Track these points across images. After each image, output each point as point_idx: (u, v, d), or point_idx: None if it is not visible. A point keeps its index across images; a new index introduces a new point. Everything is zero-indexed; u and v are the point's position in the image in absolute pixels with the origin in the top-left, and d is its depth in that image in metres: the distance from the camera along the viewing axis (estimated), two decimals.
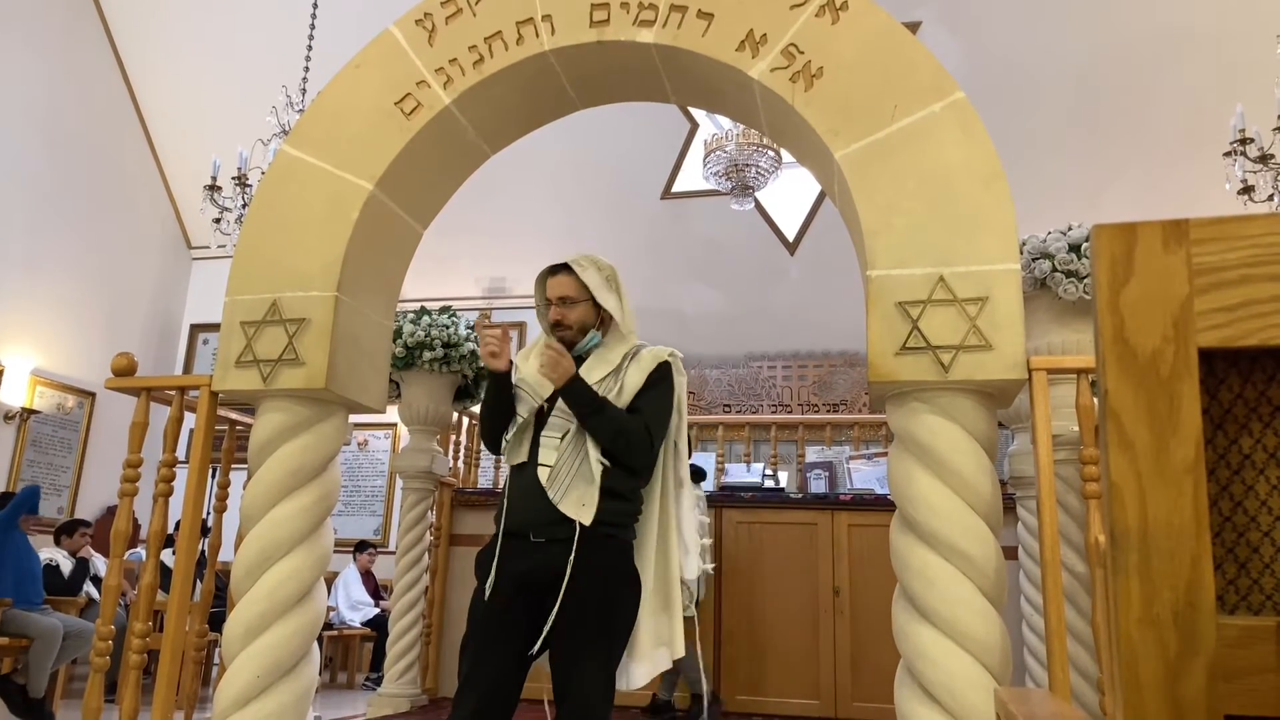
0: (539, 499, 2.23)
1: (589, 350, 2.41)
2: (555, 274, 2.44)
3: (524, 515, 2.26)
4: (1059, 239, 3.44)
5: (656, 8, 2.62)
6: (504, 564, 2.26)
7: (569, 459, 2.26)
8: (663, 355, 2.41)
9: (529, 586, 2.24)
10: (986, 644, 2.09)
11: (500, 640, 2.24)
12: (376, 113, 2.74)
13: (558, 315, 2.40)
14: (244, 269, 2.69)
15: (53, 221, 8.01)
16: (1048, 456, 2.28)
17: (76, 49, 8.24)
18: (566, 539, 2.20)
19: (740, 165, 6.65)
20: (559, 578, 2.19)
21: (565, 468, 2.25)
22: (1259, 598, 0.61)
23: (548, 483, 2.23)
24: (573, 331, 2.39)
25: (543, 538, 2.23)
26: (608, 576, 2.24)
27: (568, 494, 2.23)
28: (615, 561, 2.27)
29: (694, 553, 2.41)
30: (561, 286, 2.41)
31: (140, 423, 2.76)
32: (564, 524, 2.21)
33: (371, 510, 8.86)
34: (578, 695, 2.17)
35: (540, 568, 2.22)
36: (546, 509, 2.22)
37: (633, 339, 2.47)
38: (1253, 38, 6.35)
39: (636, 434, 2.28)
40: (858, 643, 4.62)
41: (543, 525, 2.23)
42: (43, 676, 4.99)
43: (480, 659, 2.24)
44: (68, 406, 8.17)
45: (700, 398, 8.90)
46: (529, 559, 2.24)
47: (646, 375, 2.35)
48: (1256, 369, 0.62)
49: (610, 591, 2.24)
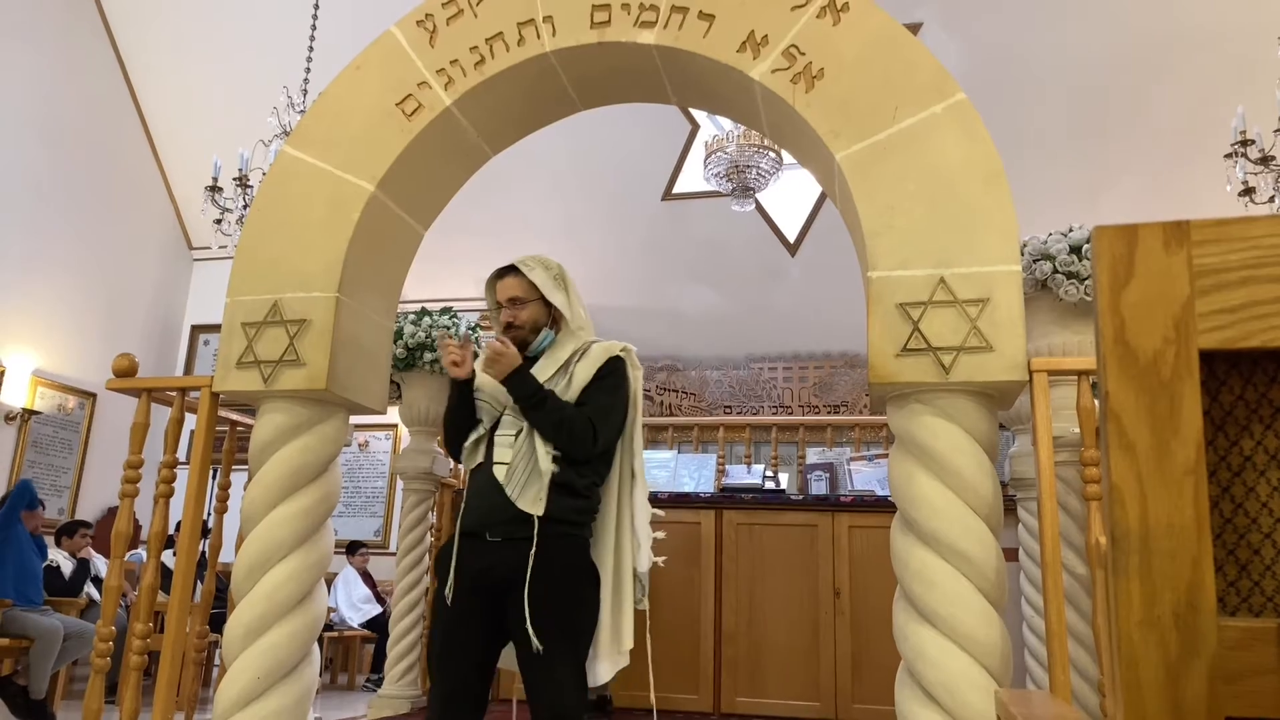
0: (495, 498, 2.28)
1: (543, 350, 2.45)
2: (504, 276, 2.49)
3: (480, 515, 2.30)
4: (1060, 240, 3.44)
5: (658, 9, 2.62)
6: (462, 564, 2.30)
7: (525, 456, 2.30)
8: (614, 350, 2.45)
9: (488, 586, 2.28)
10: (987, 645, 2.09)
11: (463, 641, 2.29)
12: (377, 113, 2.74)
13: (509, 316, 2.45)
14: (245, 270, 2.69)
15: (53, 222, 8.02)
16: (1048, 458, 2.28)
17: (77, 49, 8.25)
18: (524, 538, 2.24)
19: (741, 166, 6.65)
20: (517, 576, 2.22)
21: (521, 464, 2.29)
22: (1260, 600, 0.61)
23: (505, 479, 2.27)
24: (525, 331, 2.44)
25: (499, 536, 2.27)
26: (568, 575, 2.28)
27: (525, 490, 2.26)
28: (574, 559, 2.31)
29: (645, 545, 2.44)
30: (511, 288, 2.46)
31: (141, 424, 2.76)
32: (521, 523, 2.25)
33: (372, 511, 8.85)
34: (551, 697, 2.20)
35: (498, 566, 2.26)
36: (503, 507, 2.26)
37: (584, 335, 2.50)
38: (1254, 39, 6.35)
39: (579, 426, 2.31)
40: (858, 644, 4.62)
41: (499, 524, 2.27)
42: (43, 678, 4.99)
43: (445, 660, 2.30)
44: (68, 407, 8.17)
45: (701, 399, 8.90)
46: (486, 558, 2.28)
47: (595, 369, 2.39)
48: (1258, 371, 0.62)
49: (572, 590, 2.28)
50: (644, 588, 2.46)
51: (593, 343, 2.48)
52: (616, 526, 2.44)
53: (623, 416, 2.44)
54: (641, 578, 2.45)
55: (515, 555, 2.23)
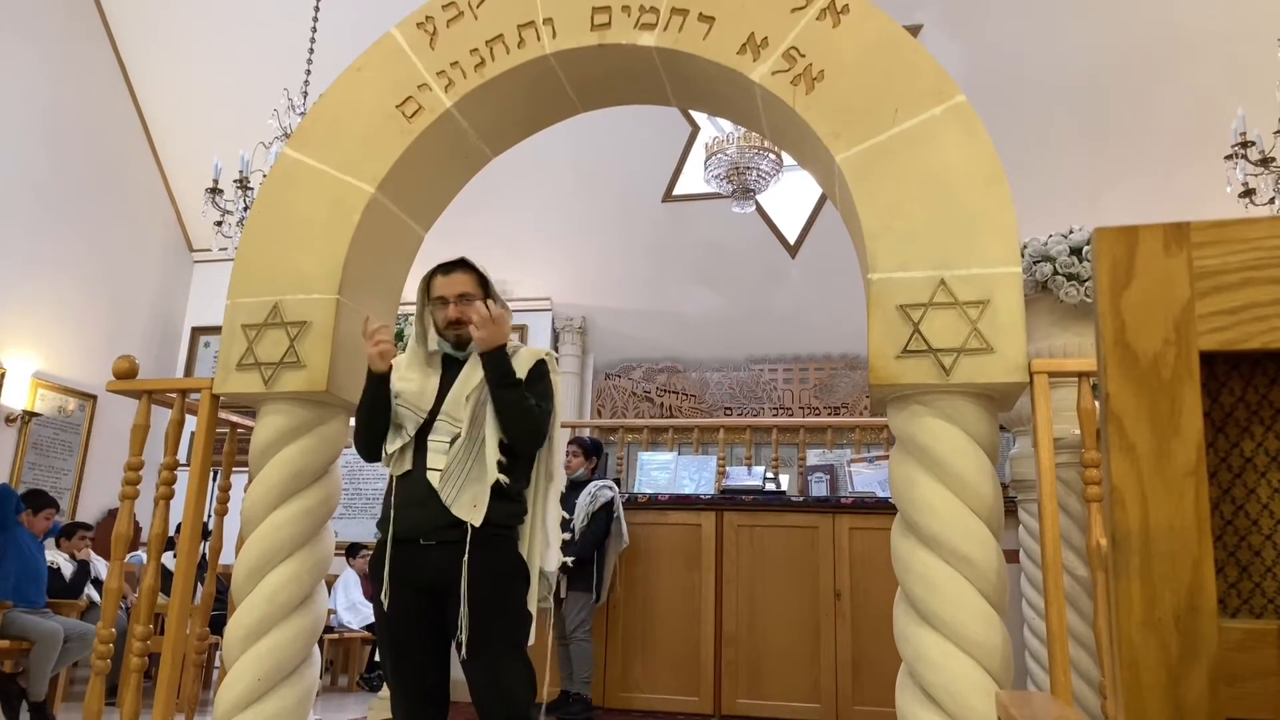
0: (427, 504, 2.28)
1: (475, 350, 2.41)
2: (451, 271, 2.46)
3: (413, 521, 2.30)
4: (1060, 242, 3.44)
5: (658, 11, 2.62)
6: (397, 570, 2.31)
7: (460, 462, 2.30)
8: (540, 354, 2.47)
9: (425, 589, 2.30)
10: (988, 647, 2.09)
11: (412, 647, 2.32)
12: (378, 115, 2.74)
13: (458, 313, 2.41)
14: (245, 272, 2.69)
15: (54, 224, 8.02)
16: (1049, 460, 2.28)
17: (78, 51, 8.25)
18: (457, 541, 2.25)
19: (741, 168, 6.65)
20: (453, 578, 2.24)
21: (456, 471, 2.29)
22: (1261, 601, 0.60)
23: (440, 485, 2.27)
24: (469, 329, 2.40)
25: (433, 540, 2.28)
26: (503, 575, 2.31)
27: (459, 496, 2.27)
28: (507, 560, 2.34)
29: (554, 545, 2.47)
30: (462, 284, 2.44)
31: (141, 425, 2.76)
32: (454, 527, 2.26)
33: (372, 513, 8.85)
34: (499, 691, 2.24)
35: (433, 570, 2.28)
36: (436, 513, 2.27)
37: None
38: (1254, 41, 6.35)
39: (540, 420, 2.35)
40: (859, 646, 4.61)
41: (432, 529, 2.28)
42: (44, 680, 4.98)
43: (399, 668, 2.32)
44: (69, 409, 8.17)
45: (701, 400, 8.90)
46: (420, 562, 2.29)
47: (527, 370, 2.40)
48: (1258, 372, 0.61)
49: (507, 589, 2.31)
50: (550, 586, 2.47)
51: (519, 346, 2.49)
52: (532, 524, 2.46)
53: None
54: (548, 577, 2.46)
55: (450, 559, 2.25)
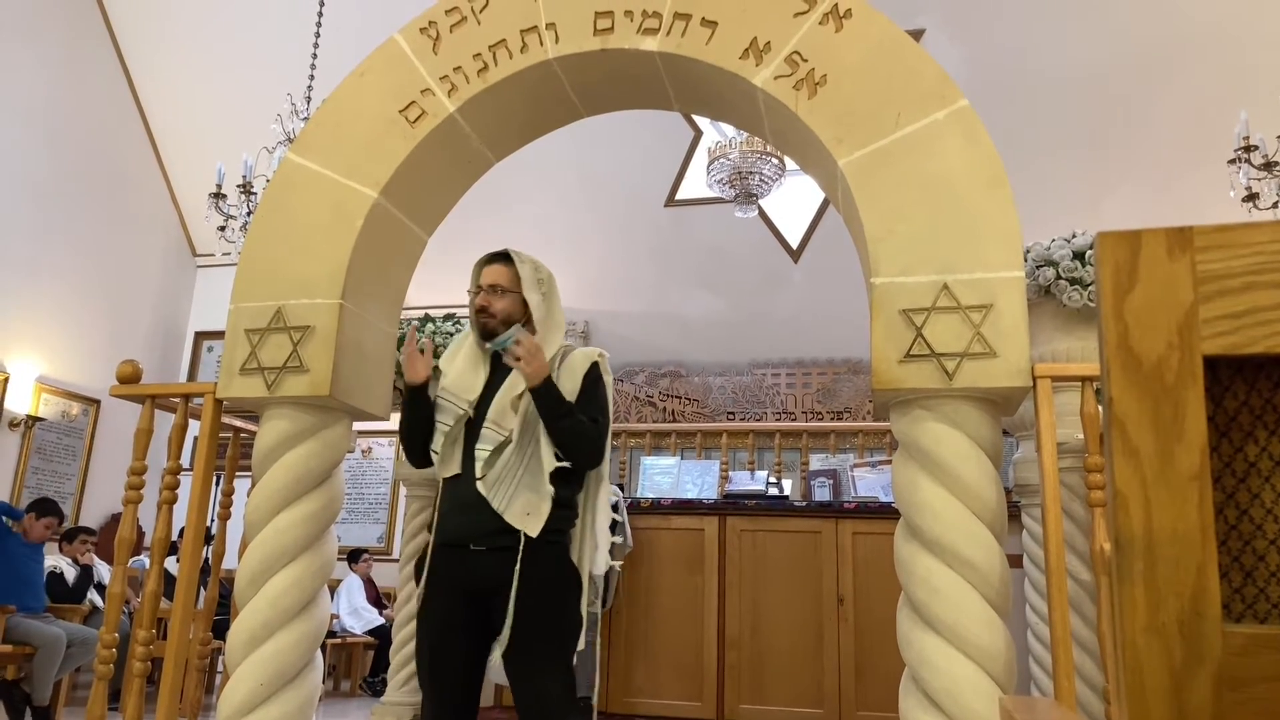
0: (478, 510, 2.26)
1: (506, 346, 2.36)
2: (493, 262, 2.48)
3: (463, 526, 2.29)
4: (1063, 246, 3.44)
5: (660, 16, 2.62)
6: (445, 575, 2.30)
7: (510, 470, 2.27)
8: (593, 355, 2.44)
9: (472, 594, 2.27)
10: (991, 652, 2.08)
11: (450, 653, 2.29)
12: (381, 120, 2.75)
13: (485, 301, 2.42)
14: (248, 276, 2.70)
15: (57, 228, 8.04)
16: (1052, 464, 2.28)
17: (82, 56, 8.28)
18: (508, 547, 2.23)
19: (744, 173, 6.66)
20: (502, 584, 2.22)
21: (507, 479, 2.27)
22: (1265, 606, 0.60)
23: (489, 494, 2.25)
24: (495, 321, 2.42)
25: (483, 545, 2.26)
26: (554, 582, 2.28)
27: (511, 504, 2.25)
28: (559, 566, 2.31)
29: (603, 548, 2.44)
30: (495, 275, 2.45)
31: (145, 430, 2.77)
32: (505, 532, 2.24)
33: (375, 518, 8.85)
34: (540, 700, 2.21)
35: (482, 575, 2.25)
36: (486, 519, 2.24)
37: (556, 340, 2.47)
38: (1257, 44, 6.35)
39: (596, 439, 2.33)
40: (862, 650, 4.61)
41: (483, 535, 2.26)
42: (47, 685, 4.99)
43: (435, 673, 2.30)
44: (72, 414, 8.19)
45: (704, 405, 8.89)
46: (470, 567, 2.27)
47: (581, 376, 2.38)
48: (1262, 376, 0.61)
49: (558, 597, 2.28)
50: (598, 591, 2.45)
51: (569, 349, 2.47)
52: (581, 527, 2.44)
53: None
54: (596, 581, 2.44)
55: (500, 563, 2.23)
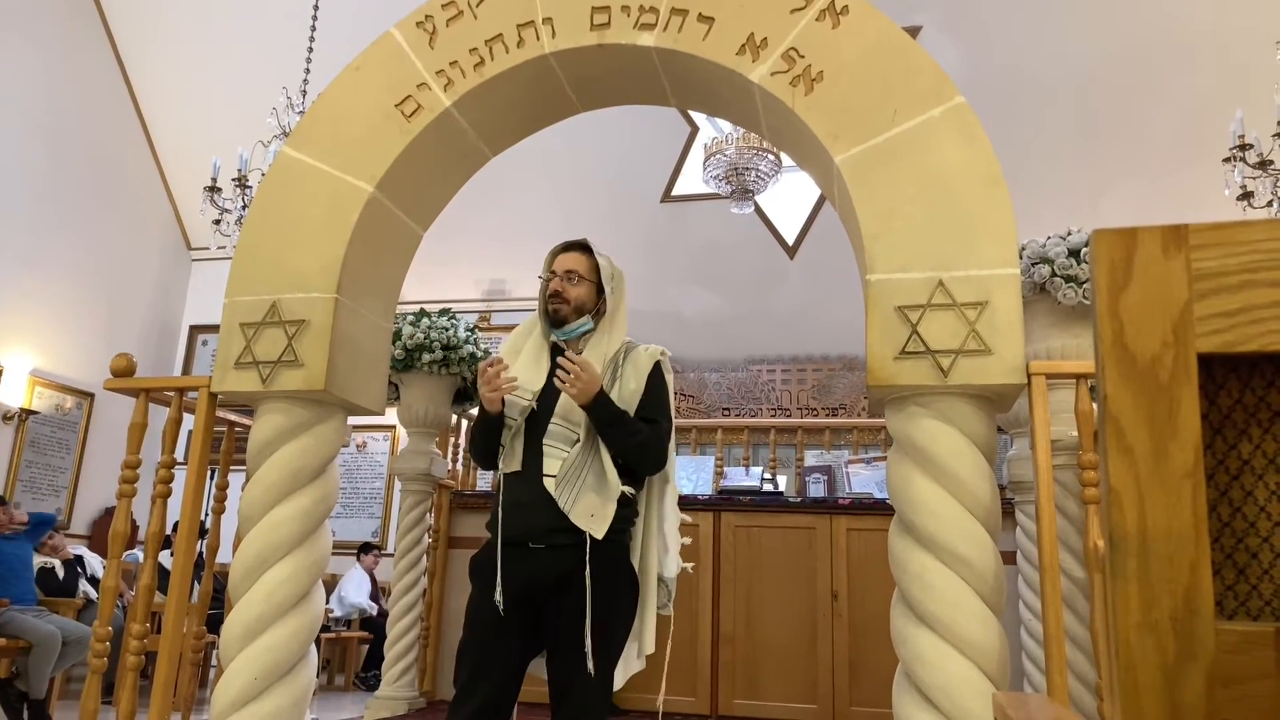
0: (539, 507, 2.21)
1: (580, 335, 2.39)
2: (569, 250, 2.45)
3: (524, 523, 2.23)
4: (1058, 244, 3.44)
5: (657, 11, 2.62)
6: (504, 573, 2.23)
7: (576, 468, 2.23)
8: (656, 354, 2.41)
9: (529, 593, 2.22)
10: (985, 649, 2.09)
11: (501, 650, 2.23)
12: (377, 114, 2.74)
13: (559, 286, 2.39)
14: (243, 270, 2.69)
15: (52, 222, 8.01)
16: (1046, 461, 2.28)
17: (77, 49, 8.25)
18: (567, 545, 2.19)
19: (740, 169, 6.65)
20: (561, 582, 2.18)
21: (573, 477, 2.22)
22: (1258, 603, 0.61)
23: (556, 492, 2.20)
24: (569, 308, 2.39)
25: (542, 544, 2.21)
26: (612, 581, 2.23)
27: (576, 504, 2.20)
28: (618, 565, 2.27)
29: (674, 550, 2.41)
30: (573, 261, 2.42)
31: (139, 424, 2.76)
32: (564, 530, 2.19)
33: (370, 513, 8.85)
34: (577, 701, 2.17)
35: (540, 574, 2.21)
36: (548, 517, 2.20)
37: (620, 335, 2.45)
38: (1253, 43, 6.36)
39: (656, 444, 2.29)
40: (856, 647, 4.61)
41: (542, 533, 2.21)
42: (43, 681, 4.98)
43: (481, 667, 2.22)
44: (66, 407, 8.17)
45: (699, 401, 8.90)
46: (528, 566, 2.22)
47: (646, 377, 2.35)
48: (1256, 374, 0.62)
49: (614, 596, 2.23)
50: (670, 593, 2.40)
51: (632, 345, 2.43)
52: (644, 531, 2.39)
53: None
54: (668, 583, 2.40)
55: (559, 562, 2.18)
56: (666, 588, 2.40)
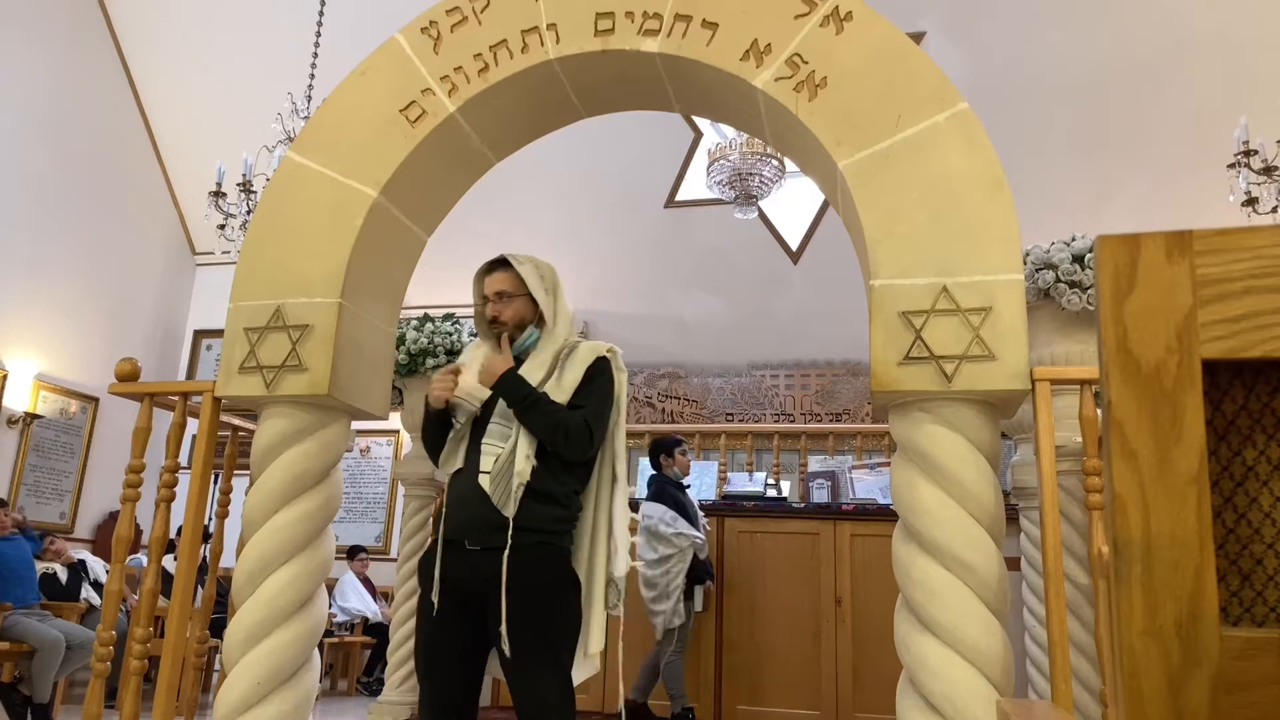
0: (477, 506, 2.26)
1: (527, 349, 2.44)
2: (493, 270, 2.49)
3: (461, 522, 2.29)
4: (1062, 249, 3.44)
5: (661, 17, 2.62)
6: (444, 573, 2.29)
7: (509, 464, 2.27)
8: (601, 350, 2.44)
9: (468, 594, 2.27)
10: (989, 655, 2.08)
11: (448, 651, 2.29)
12: (381, 120, 2.75)
13: (494, 311, 2.44)
14: (248, 275, 2.69)
15: (57, 226, 8.03)
16: (1050, 467, 2.28)
17: (82, 54, 8.28)
18: (501, 546, 2.22)
19: (744, 174, 6.66)
20: (493, 586, 2.21)
21: (508, 471, 2.27)
22: (1263, 610, 0.60)
23: (490, 488, 2.25)
24: (510, 327, 2.43)
25: (478, 545, 2.26)
26: (547, 585, 2.26)
27: (509, 500, 2.25)
28: (554, 569, 2.29)
29: (623, 550, 2.42)
30: (499, 282, 2.46)
31: (143, 428, 2.76)
32: (500, 531, 2.23)
33: (373, 517, 8.85)
34: (535, 705, 2.20)
35: (476, 576, 2.25)
36: (484, 516, 2.24)
37: (565, 334, 2.47)
38: (1257, 49, 6.36)
39: (575, 428, 2.30)
40: (859, 652, 4.61)
41: (478, 533, 2.26)
42: (47, 685, 4.98)
43: (431, 670, 2.30)
44: (71, 411, 8.18)
45: (703, 406, 8.90)
46: (465, 567, 2.27)
47: (585, 369, 2.38)
48: (1260, 380, 0.61)
49: (551, 600, 2.26)
50: (619, 593, 2.42)
51: (579, 342, 2.47)
52: (593, 531, 2.43)
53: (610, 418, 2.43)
54: (617, 583, 2.42)
55: (492, 564, 2.22)
56: (616, 587, 2.42)
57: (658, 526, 4.56)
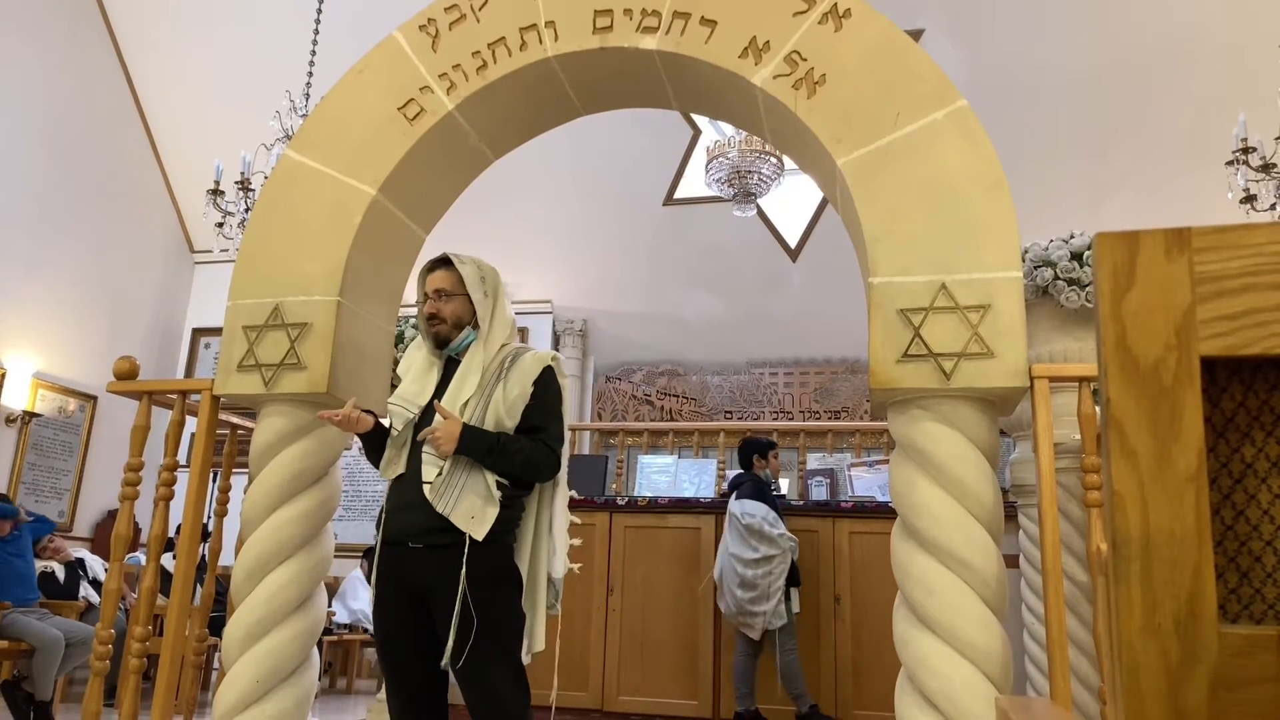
0: (418, 508, 2.27)
1: (463, 349, 2.44)
2: (435, 269, 2.49)
3: (403, 524, 2.30)
4: (1061, 247, 3.44)
5: (659, 14, 2.62)
6: (388, 572, 2.32)
7: (456, 473, 2.28)
8: (545, 359, 2.45)
9: (413, 592, 2.29)
10: (987, 652, 2.09)
11: (404, 648, 2.32)
12: (380, 118, 2.75)
13: (433, 308, 2.44)
14: (246, 273, 2.69)
15: (55, 224, 8.02)
16: (1049, 464, 2.28)
17: (80, 53, 8.26)
18: (445, 545, 2.24)
19: (743, 172, 6.66)
20: (438, 582, 2.24)
21: (451, 484, 2.27)
22: (1261, 607, 0.60)
23: (434, 497, 2.26)
24: (447, 326, 2.44)
25: (421, 544, 2.28)
26: (491, 581, 2.28)
27: (457, 506, 2.26)
28: (497, 565, 2.32)
29: (561, 551, 2.44)
30: (440, 280, 2.47)
31: (141, 426, 2.76)
32: (443, 530, 2.25)
33: (372, 515, 8.85)
34: (489, 698, 2.23)
35: (420, 573, 2.27)
36: (425, 517, 2.26)
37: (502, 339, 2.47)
38: (1255, 47, 6.36)
39: (544, 459, 2.34)
40: (859, 650, 4.61)
41: (420, 533, 2.27)
42: (49, 683, 4.98)
43: (389, 669, 2.33)
44: (69, 410, 8.17)
45: (702, 404, 8.90)
46: (408, 564, 2.29)
47: (532, 380, 2.38)
48: (1259, 378, 0.61)
49: (494, 594, 2.28)
50: (558, 593, 2.46)
51: (521, 349, 2.47)
52: (535, 531, 2.45)
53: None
54: (556, 583, 2.45)
55: (436, 562, 2.25)
56: (555, 588, 2.45)
57: (761, 526, 4.43)
